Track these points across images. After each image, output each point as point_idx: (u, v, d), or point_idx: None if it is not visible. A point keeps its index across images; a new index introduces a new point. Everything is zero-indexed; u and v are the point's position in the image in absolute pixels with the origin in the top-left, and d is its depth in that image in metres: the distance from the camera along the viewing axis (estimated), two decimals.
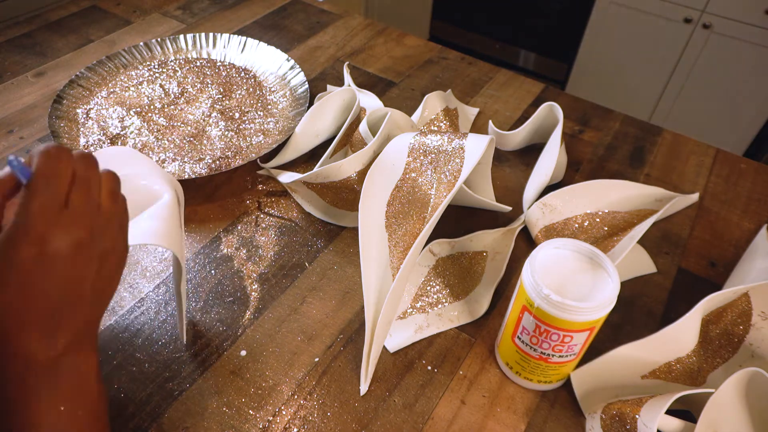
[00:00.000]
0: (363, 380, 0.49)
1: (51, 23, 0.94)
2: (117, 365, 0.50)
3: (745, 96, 1.70)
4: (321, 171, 0.60)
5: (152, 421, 0.46)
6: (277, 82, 0.81)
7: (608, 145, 0.75)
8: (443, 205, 0.53)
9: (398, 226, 0.56)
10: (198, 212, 0.64)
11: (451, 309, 0.55)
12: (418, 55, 0.91)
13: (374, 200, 0.56)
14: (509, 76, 0.87)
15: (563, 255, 0.44)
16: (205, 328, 0.53)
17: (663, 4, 1.70)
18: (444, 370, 0.51)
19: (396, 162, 0.59)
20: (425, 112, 0.74)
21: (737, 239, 0.63)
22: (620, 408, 0.43)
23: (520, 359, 0.47)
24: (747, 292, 0.50)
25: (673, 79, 1.81)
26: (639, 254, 0.61)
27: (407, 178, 0.59)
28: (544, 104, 0.66)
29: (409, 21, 2.37)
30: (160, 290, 0.56)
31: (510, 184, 0.69)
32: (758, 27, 1.58)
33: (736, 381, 0.41)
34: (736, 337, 0.51)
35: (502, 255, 0.59)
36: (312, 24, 0.97)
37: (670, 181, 0.70)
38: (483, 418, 0.47)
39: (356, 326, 0.54)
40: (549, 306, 0.41)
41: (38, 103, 0.78)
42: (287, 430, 0.46)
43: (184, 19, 0.97)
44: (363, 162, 0.61)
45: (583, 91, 2.03)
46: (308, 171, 0.66)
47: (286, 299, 0.56)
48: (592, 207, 0.62)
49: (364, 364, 0.49)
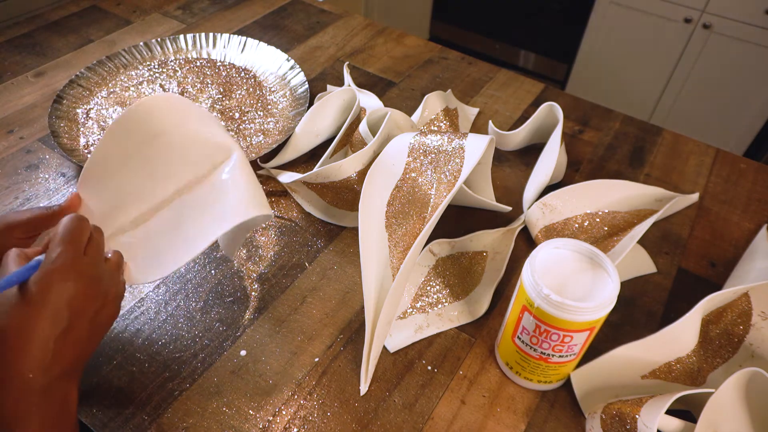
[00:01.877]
0: (363, 380, 0.49)
1: (51, 23, 0.94)
2: (117, 365, 0.50)
3: (745, 96, 1.70)
4: (321, 171, 0.60)
5: (152, 421, 0.46)
6: (277, 82, 0.81)
7: (608, 145, 0.75)
8: (443, 205, 0.53)
9: (398, 226, 0.56)
10: None
11: (451, 309, 0.55)
12: (418, 55, 0.91)
13: (374, 200, 0.56)
14: (509, 76, 0.87)
15: (563, 255, 0.44)
16: (205, 328, 0.53)
17: (663, 4, 1.70)
18: (444, 370, 0.51)
19: (396, 162, 0.59)
20: (425, 112, 0.74)
21: (737, 239, 0.63)
22: (620, 408, 0.43)
23: (520, 359, 0.47)
24: (747, 292, 0.51)
25: (673, 79, 1.81)
26: (639, 254, 0.61)
27: (407, 178, 0.59)
28: (544, 104, 0.66)
29: (409, 21, 2.37)
30: (160, 290, 0.56)
31: (510, 184, 0.69)
32: (758, 27, 1.58)
33: (736, 381, 0.41)
34: (736, 337, 0.51)
35: (502, 255, 0.59)
36: (312, 24, 0.97)
37: (670, 181, 0.70)
38: (483, 418, 0.47)
39: (356, 326, 0.54)
40: (549, 306, 0.41)
41: (38, 103, 0.78)
42: (287, 430, 0.46)
43: (184, 19, 0.97)
44: (363, 162, 0.61)
45: (583, 91, 2.03)
46: (308, 171, 0.66)
47: (286, 299, 0.56)
48: (592, 207, 0.62)
49: (364, 364, 0.49)
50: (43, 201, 0.64)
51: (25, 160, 0.69)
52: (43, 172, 0.68)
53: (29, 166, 0.68)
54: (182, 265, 0.46)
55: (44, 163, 0.69)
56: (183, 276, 0.57)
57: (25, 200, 0.64)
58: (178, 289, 0.56)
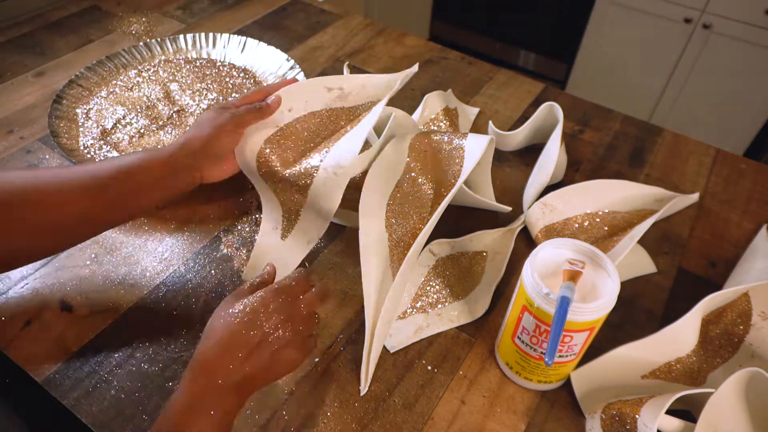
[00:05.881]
0: (363, 381, 0.49)
1: (51, 23, 0.94)
2: (117, 365, 0.50)
3: (745, 96, 1.70)
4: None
5: (152, 421, 0.46)
6: (276, 82, 0.81)
7: (608, 145, 0.75)
8: (443, 205, 0.53)
9: (398, 226, 0.56)
10: (198, 212, 0.64)
11: (451, 309, 0.55)
12: (418, 55, 0.91)
13: (374, 200, 0.56)
14: (509, 76, 0.87)
15: (563, 255, 0.44)
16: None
17: (663, 4, 1.70)
18: (444, 370, 0.51)
19: (396, 162, 0.59)
20: (425, 111, 0.74)
21: (737, 239, 0.63)
22: (620, 408, 0.43)
23: (520, 359, 0.47)
24: (747, 292, 0.51)
25: (673, 79, 1.81)
26: (639, 254, 0.61)
27: (407, 178, 0.59)
28: (544, 104, 0.66)
29: (409, 21, 2.37)
30: (160, 290, 0.56)
31: (510, 184, 0.69)
32: (758, 27, 1.58)
33: (736, 381, 0.41)
34: (736, 337, 0.51)
35: (501, 255, 0.59)
36: (312, 24, 0.97)
37: (670, 181, 0.70)
38: (483, 418, 0.47)
39: (356, 326, 0.54)
40: (549, 306, 0.41)
41: (38, 103, 0.78)
42: (287, 430, 0.46)
43: (184, 19, 0.97)
44: (368, 162, 0.60)
45: (583, 91, 2.02)
46: None
47: None
48: (592, 207, 0.62)
49: (364, 365, 0.49)
50: None
51: (25, 160, 0.69)
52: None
53: (29, 166, 0.68)
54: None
55: (44, 163, 0.69)
56: (183, 276, 0.57)
57: None
58: (178, 289, 0.56)
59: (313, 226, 0.56)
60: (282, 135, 0.58)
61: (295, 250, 0.57)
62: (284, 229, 0.58)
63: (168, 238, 0.61)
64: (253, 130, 0.57)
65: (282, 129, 0.59)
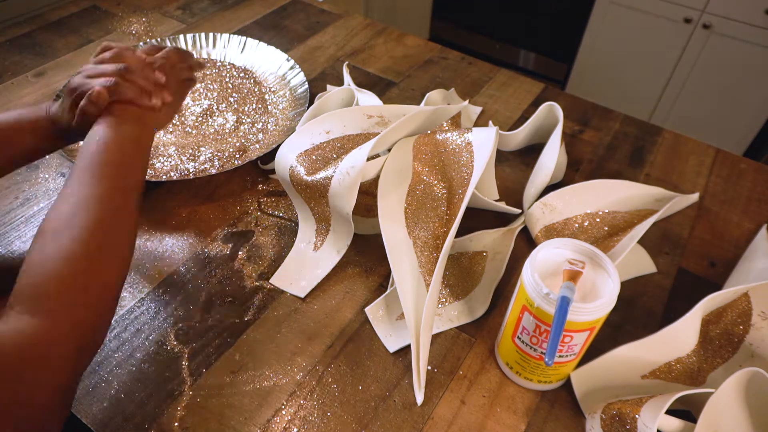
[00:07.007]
0: (417, 388, 0.48)
1: (51, 23, 0.94)
2: (117, 365, 0.50)
3: (745, 96, 1.70)
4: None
5: (152, 421, 0.46)
6: (277, 82, 0.81)
7: (608, 145, 0.75)
8: (464, 204, 0.53)
9: (420, 230, 0.56)
10: (198, 212, 0.64)
11: (451, 309, 0.55)
12: (418, 55, 0.91)
13: (391, 205, 0.56)
14: (509, 76, 0.87)
15: (563, 255, 0.44)
16: (205, 327, 0.53)
17: (663, 4, 1.70)
18: (444, 370, 0.51)
19: (403, 167, 0.59)
20: None
21: (737, 239, 0.63)
22: (620, 408, 0.43)
23: (520, 359, 0.47)
24: (747, 292, 0.50)
25: (673, 79, 1.81)
26: (639, 254, 0.61)
27: (418, 180, 0.58)
28: (544, 104, 0.66)
29: (409, 21, 2.37)
30: (159, 290, 0.56)
31: (510, 184, 0.69)
32: (758, 27, 1.58)
33: (736, 381, 0.41)
34: (736, 337, 0.51)
35: (502, 255, 0.59)
36: (312, 24, 0.97)
37: (670, 181, 0.70)
38: (483, 418, 0.47)
39: (356, 326, 0.54)
40: (549, 306, 0.41)
41: (38, 103, 0.78)
42: (287, 430, 0.46)
43: (184, 19, 0.97)
44: (380, 166, 0.60)
45: (583, 91, 2.03)
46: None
47: (286, 299, 0.56)
48: (592, 207, 0.62)
49: (414, 372, 0.49)
50: (44, 201, 0.64)
51: None
52: (43, 172, 0.68)
53: (29, 166, 0.68)
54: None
55: (44, 163, 0.69)
56: (183, 276, 0.57)
57: (25, 200, 0.64)
58: (178, 289, 0.56)
59: (341, 236, 0.58)
60: (313, 150, 0.60)
61: (326, 260, 0.58)
62: (315, 245, 0.60)
63: (168, 238, 0.61)
64: (289, 146, 0.59)
65: (316, 146, 0.60)
